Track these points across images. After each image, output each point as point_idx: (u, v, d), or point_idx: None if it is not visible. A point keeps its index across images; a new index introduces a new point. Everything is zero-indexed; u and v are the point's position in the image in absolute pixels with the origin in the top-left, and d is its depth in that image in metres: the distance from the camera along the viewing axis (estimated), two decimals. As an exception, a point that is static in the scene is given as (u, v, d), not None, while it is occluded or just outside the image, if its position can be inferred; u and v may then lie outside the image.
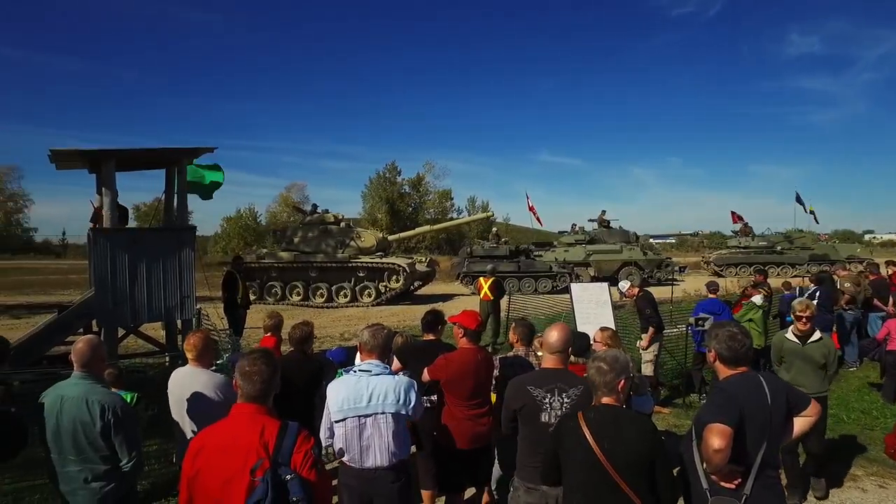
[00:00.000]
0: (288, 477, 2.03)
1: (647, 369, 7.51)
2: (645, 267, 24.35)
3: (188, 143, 8.51)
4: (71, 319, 7.79)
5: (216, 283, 12.70)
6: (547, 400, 3.14)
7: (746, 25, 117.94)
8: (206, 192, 10.16)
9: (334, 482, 3.45)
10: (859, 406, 7.57)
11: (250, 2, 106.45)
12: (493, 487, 4.64)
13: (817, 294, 9.41)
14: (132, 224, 9.13)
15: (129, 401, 4.96)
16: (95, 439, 3.13)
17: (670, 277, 23.82)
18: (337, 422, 3.15)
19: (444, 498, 4.37)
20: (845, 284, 10.13)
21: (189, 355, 3.80)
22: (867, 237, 73.08)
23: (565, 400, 3.14)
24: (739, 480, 2.59)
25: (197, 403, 3.66)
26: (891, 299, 9.89)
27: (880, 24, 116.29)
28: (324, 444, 3.29)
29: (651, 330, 7.58)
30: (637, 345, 7.87)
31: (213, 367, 4.20)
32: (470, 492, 4.59)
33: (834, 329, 9.72)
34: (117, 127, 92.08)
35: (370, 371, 3.23)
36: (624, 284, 8.12)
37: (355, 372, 3.25)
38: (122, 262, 7.81)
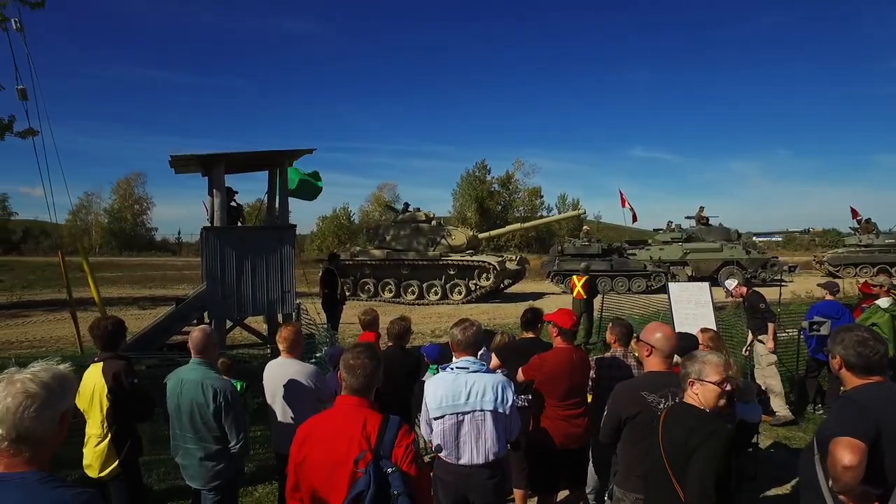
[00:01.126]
0: (389, 470, 2.06)
1: (772, 375, 6.89)
2: (748, 266, 22.81)
3: (288, 145, 8.97)
4: (187, 311, 8.42)
5: (312, 279, 13.28)
6: (662, 405, 2.96)
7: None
8: (310, 194, 10.70)
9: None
10: None
11: (343, 10, 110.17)
12: (588, 491, 4.53)
13: None
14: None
15: (238, 389, 5.31)
16: (209, 420, 3.41)
17: (777, 278, 22.21)
18: (436, 418, 3.19)
19: (536, 498, 4.33)
20: None
21: (281, 347, 4.04)
22: None
23: None
24: None
25: (289, 391, 3.88)
26: None
27: None
28: (424, 440, 3.34)
29: (771, 327, 7.03)
30: (759, 349, 7.26)
31: (312, 361, 4.41)
32: (562, 493, 4.51)
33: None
34: (226, 133, 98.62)
35: (467, 368, 3.24)
36: (731, 283, 7.60)
37: (452, 369, 3.27)
38: (230, 259, 8.33)
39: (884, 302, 7.43)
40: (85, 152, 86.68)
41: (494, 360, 4.33)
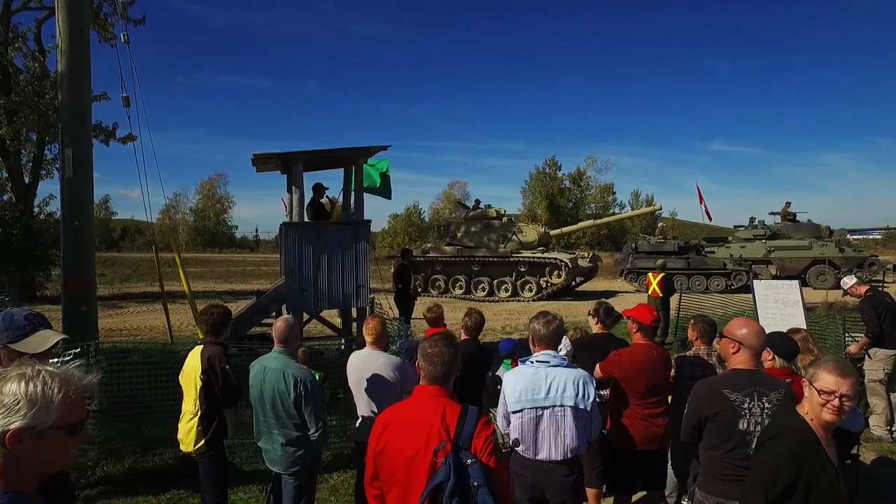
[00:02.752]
0: (469, 461, 2.03)
1: (875, 392, 6.32)
2: (841, 266, 21.23)
3: (362, 144, 9.17)
4: (267, 303, 8.78)
5: (384, 275, 13.49)
6: (746, 405, 2.81)
7: None
8: (385, 191, 10.88)
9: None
10: None
11: (411, 12, 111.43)
12: (667, 493, 4.37)
13: None
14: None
15: (317, 379, 5.48)
16: (290, 407, 3.52)
17: (877, 278, 20.59)
18: (514, 412, 3.14)
19: (612, 498, 4.21)
20: None
21: (368, 338, 4.09)
22: None
23: (766, 405, 2.81)
24: None
25: (375, 383, 3.93)
26: None
27: None
28: (501, 433, 3.32)
29: (863, 338, 6.46)
30: (844, 352, 6.79)
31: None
32: (639, 495, 4.37)
33: None
34: (302, 136, 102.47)
35: (548, 362, 3.17)
36: (849, 280, 6.75)
37: (532, 363, 3.21)
38: (308, 254, 8.60)
39: None
40: (174, 156, 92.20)
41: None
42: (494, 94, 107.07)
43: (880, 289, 6.84)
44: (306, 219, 9.28)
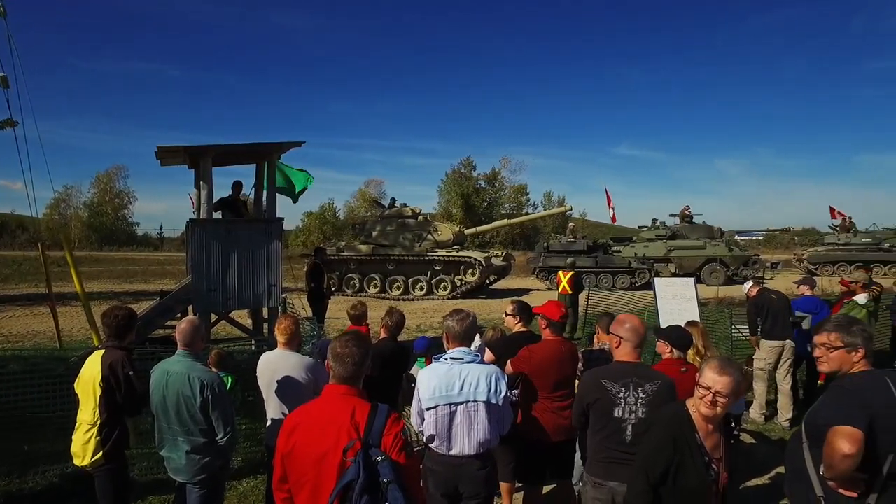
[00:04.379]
0: (379, 458, 2.04)
1: (758, 379, 6.91)
2: (730, 264, 23.14)
3: (276, 139, 8.85)
4: (171, 304, 8.32)
5: (298, 274, 13.20)
6: (622, 394, 3.04)
7: (855, 1, 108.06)
8: (294, 195, 10.57)
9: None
10: None
11: (334, 6, 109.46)
12: (574, 482, 4.55)
13: None
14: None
15: (229, 383, 5.26)
16: (196, 413, 3.35)
17: (759, 275, 22.52)
18: (428, 409, 3.16)
19: (523, 491, 4.34)
20: None
21: (280, 339, 3.96)
22: None
23: (641, 395, 3.03)
24: (863, 490, 2.35)
25: (286, 385, 3.82)
26: None
27: None
28: (416, 430, 3.33)
29: (753, 339, 7.11)
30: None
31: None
32: (550, 486, 4.53)
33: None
34: (210, 128, 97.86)
35: (461, 359, 3.22)
36: (747, 286, 7.50)
37: (446, 360, 3.25)
38: (216, 252, 8.24)
39: (861, 298, 7.58)
40: (68, 145, 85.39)
41: (489, 355, 4.31)
42: (415, 92, 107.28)
43: (765, 287, 7.50)
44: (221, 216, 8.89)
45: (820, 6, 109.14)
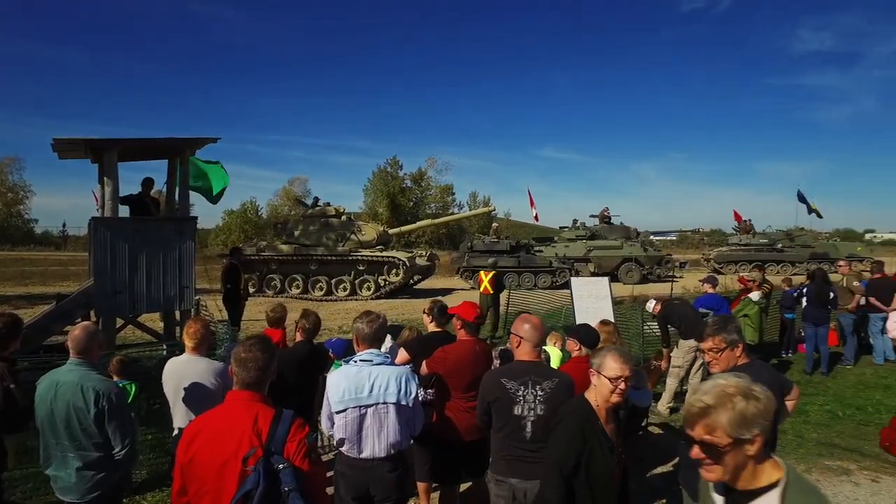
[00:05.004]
0: (280, 466, 2.00)
1: (675, 370, 7.28)
2: (645, 263, 24.34)
3: (193, 134, 8.44)
4: (70, 308, 7.78)
5: (215, 275, 12.70)
6: (520, 392, 3.12)
7: (757, 21, 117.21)
8: (213, 196, 10.07)
9: (330, 473, 3.46)
10: (854, 402, 7.59)
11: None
12: (487, 479, 4.62)
13: (805, 291, 9.34)
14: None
15: (132, 391, 4.97)
16: (89, 426, 3.11)
17: (670, 274, 23.80)
18: (338, 412, 3.13)
19: (439, 491, 4.37)
20: (854, 283, 9.75)
21: (189, 343, 3.79)
22: (868, 236, 72.69)
23: (539, 392, 3.12)
24: None
25: (194, 391, 3.66)
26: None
27: (893, 20, 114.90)
28: (325, 434, 3.29)
29: (665, 352, 7.49)
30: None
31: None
32: (466, 485, 4.58)
33: (832, 327, 9.68)
34: (123, 119, 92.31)
35: (371, 361, 3.21)
36: (650, 304, 7.91)
37: (356, 362, 3.23)
38: (123, 252, 7.79)
39: (755, 296, 8.22)
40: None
41: (404, 355, 4.31)
42: (342, 89, 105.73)
43: (665, 299, 7.99)
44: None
45: (722, 24, 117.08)
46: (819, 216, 34.70)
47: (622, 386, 2.61)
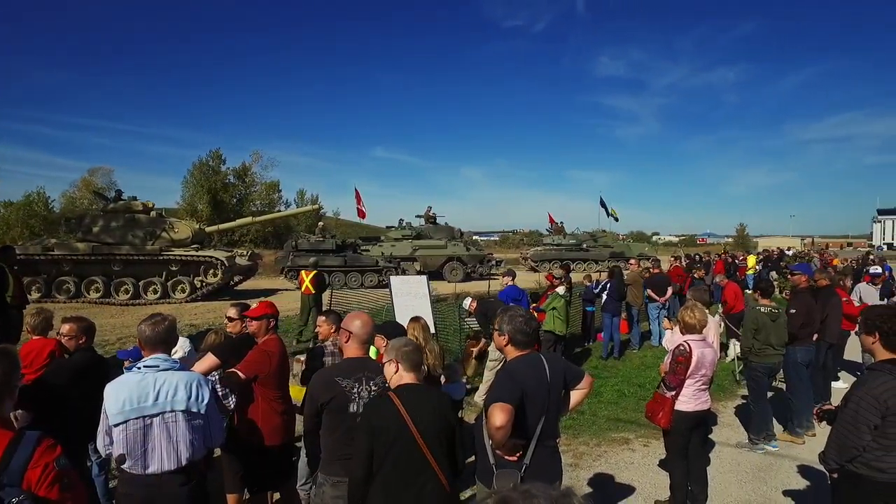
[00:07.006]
0: (14, 500, 1.74)
1: (493, 364, 7.51)
2: (468, 262, 25.59)
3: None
4: None
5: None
6: (355, 390, 3.10)
7: (571, 42, 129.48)
8: None
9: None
10: (637, 381, 8.74)
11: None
12: (300, 484, 4.50)
13: (608, 286, 10.60)
14: None
15: None
16: None
17: (491, 272, 25.29)
18: (116, 425, 2.80)
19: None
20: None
21: None
22: (654, 238, 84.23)
23: (372, 388, 3.13)
24: (521, 453, 2.77)
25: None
26: (669, 290, 11.39)
27: (668, 58, 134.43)
28: (103, 453, 2.93)
29: (483, 342, 7.81)
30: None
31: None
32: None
33: (623, 316, 11.07)
34: None
35: (157, 366, 2.93)
36: (466, 302, 8.32)
37: (139, 369, 2.93)
38: None
39: (561, 290, 9.06)
40: None
41: (212, 359, 4.00)
42: (157, 73, 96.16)
43: (479, 296, 8.52)
44: None
45: (539, 43, 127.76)
46: (616, 219, 39.36)
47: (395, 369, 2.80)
